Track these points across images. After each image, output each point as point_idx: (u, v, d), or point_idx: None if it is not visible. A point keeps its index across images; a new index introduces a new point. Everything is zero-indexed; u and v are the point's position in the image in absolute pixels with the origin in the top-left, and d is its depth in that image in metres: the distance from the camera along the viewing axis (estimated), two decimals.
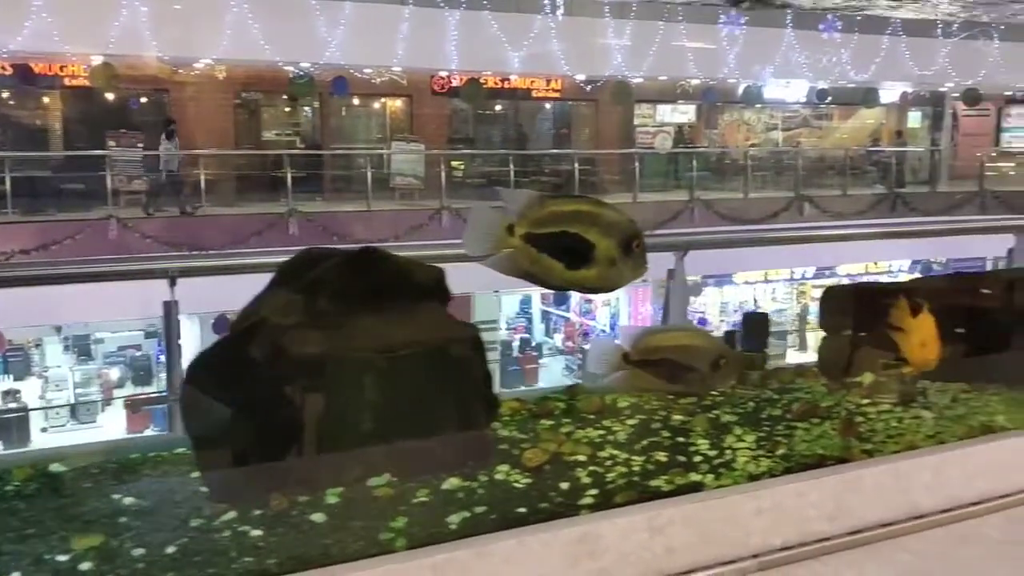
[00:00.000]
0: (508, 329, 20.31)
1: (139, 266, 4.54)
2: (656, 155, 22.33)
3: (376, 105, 21.90)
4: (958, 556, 1.98)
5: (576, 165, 19.84)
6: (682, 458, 2.08)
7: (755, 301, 20.32)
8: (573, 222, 1.96)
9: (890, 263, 21.08)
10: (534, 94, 22.45)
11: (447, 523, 1.68)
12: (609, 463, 2.03)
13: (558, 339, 20.29)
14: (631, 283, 2.08)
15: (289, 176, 17.11)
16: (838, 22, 20.85)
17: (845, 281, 21.35)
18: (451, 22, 18.80)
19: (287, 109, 21.22)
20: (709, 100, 22.30)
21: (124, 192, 16.43)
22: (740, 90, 21.96)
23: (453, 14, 18.84)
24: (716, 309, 20.79)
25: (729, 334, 2.44)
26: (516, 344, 20.10)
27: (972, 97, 20.68)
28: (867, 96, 22.14)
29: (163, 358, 18.36)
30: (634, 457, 2.07)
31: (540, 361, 19.28)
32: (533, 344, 20.24)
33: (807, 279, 21.48)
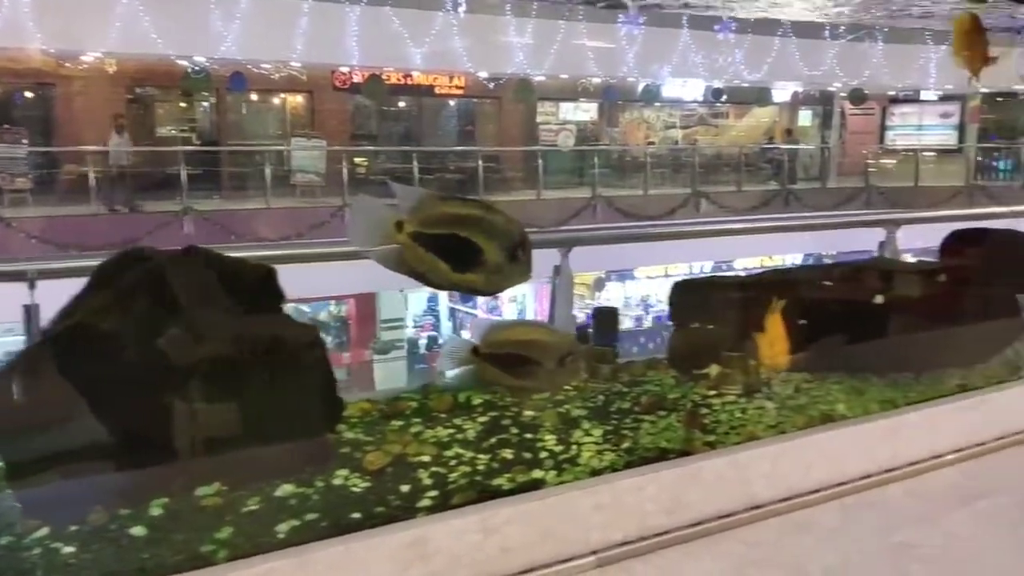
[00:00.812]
0: (415, 327, 20.23)
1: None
2: (559, 152, 22.54)
3: (276, 101, 21.49)
4: (792, 545, 2.05)
5: (480, 162, 19.82)
6: (528, 455, 2.10)
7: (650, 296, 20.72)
8: (463, 225, 1.99)
9: (784, 256, 21.78)
10: (437, 91, 22.36)
11: (275, 532, 1.65)
12: (454, 463, 2.04)
13: (465, 336, 20.27)
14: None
15: (184, 173, 16.63)
16: (732, 23, 21.39)
17: (742, 273, 21.93)
18: (352, 17, 18.57)
19: (183, 105, 20.62)
20: (610, 98, 22.62)
21: (8, 191, 15.73)
22: (639, 89, 22.34)
23: (354, 9, 18.61)
24: (620, 303, 21.20)
25: (581, 329, 2.46)
26: (423, 342, 20.04)
27: (858, 97, 21.51)
28: (760, 95, 22.81)
29: None
30: (480, 456, 2.08)
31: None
32: (440, 342, 20.17)
33: (704, 273, 22.06)
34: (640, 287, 21.23)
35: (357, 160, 20.26)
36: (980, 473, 2.31)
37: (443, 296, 21.40)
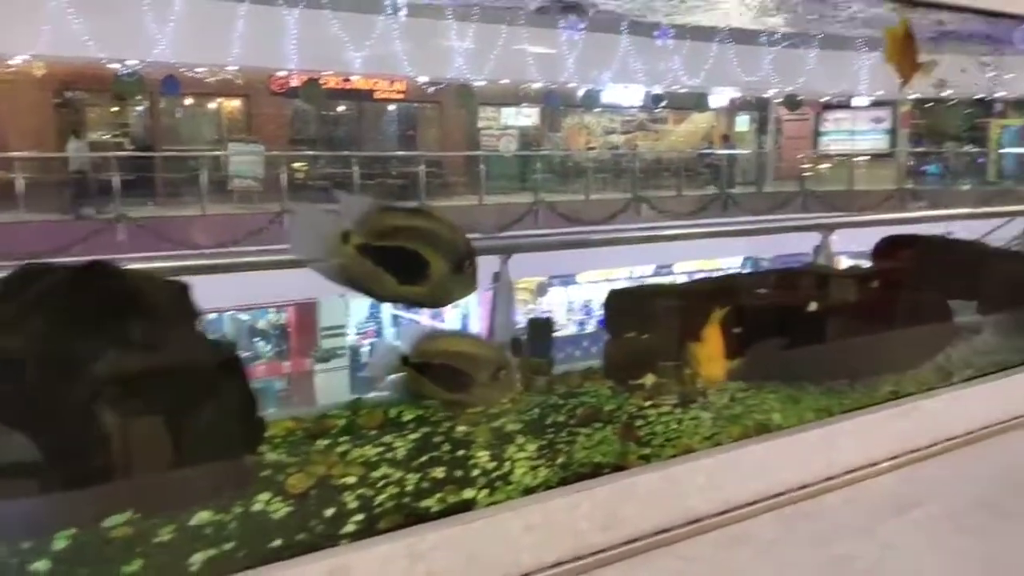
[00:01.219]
0: (357, 334, 20.06)
1: None
2: (501, 157, 22.57)
3: (212, 105, 21.14)
4: (729, 559, 2.02)
5: (422, 167, 19.72)
6: (460, 473, 2.03)
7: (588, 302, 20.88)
8: (410, 237, 1.95)
9: (723, 260, 22.10)
10: (377, 95, 22.21)
11: (188, 564, 1.56)
12: (381, 484, 1.96)
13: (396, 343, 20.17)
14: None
15: (116, 179, 16.29)
16: (671, 29, 21.63)
17: (682, 279, 22.21)
18: (290, 20, 18.33)
19: (114, 109, 20.15)
20: (551, 104, 22.71)
21: None
22: (580, 94, 22.47)
23: (292, 12, 18.38)
24: (563, 309, 21.30)
25: (515, 340, 2.42)
26: (366, 349, 19.87)
27: (793, 102, 21.91)
28: (699, 101, 23.11)
29: None
30: (409, 476, 2.01)
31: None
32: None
33: (646, 277, 22.24)
34: (583, 292, 21.37)
35: (296, 165, 20.04)
36: (914, 481, 2.31)
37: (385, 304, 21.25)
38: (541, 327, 2.50)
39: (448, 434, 2.23)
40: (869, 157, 23.57)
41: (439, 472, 2.03)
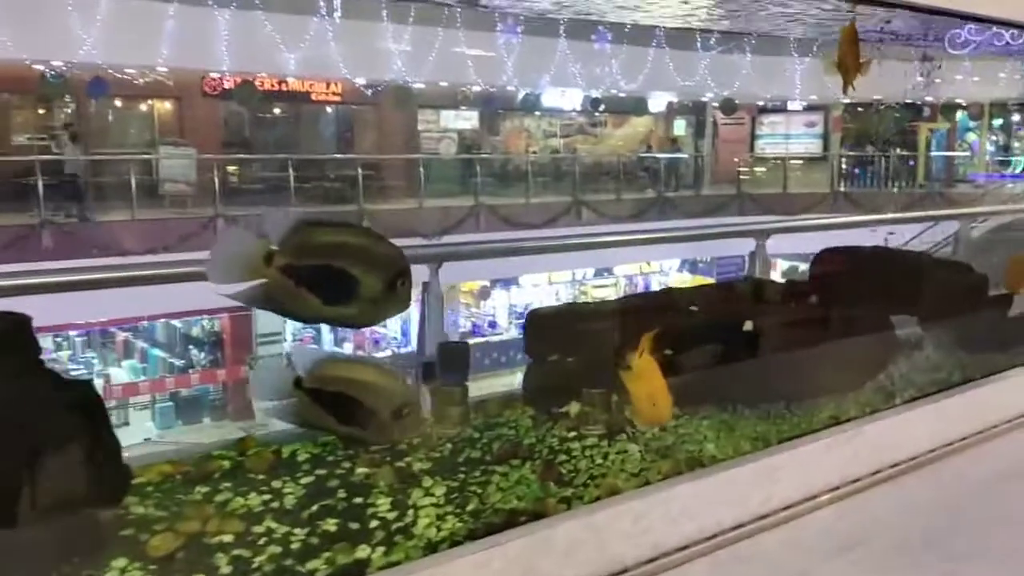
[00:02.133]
0: (295, 341, 19.67)
1: None
2: (441, 161, 22.36)
3: (143, 107, 20.55)
4: None
5: (359, 170, 19.39)
6: (355, 525, 1.80)
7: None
8: (339, 255, 1.79)
9: (661, 263, 22.22)
10: (314, 97, 21.82)
11: None
12: (263, 541, 1.73)
13: (348, 348, 19.91)
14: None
15: (40, 184, 15.73)
16: (609, 34, 21.63)
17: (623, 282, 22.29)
18: (221, 21, 17.90)
19: (41, 111, 19.45)
20: (490, 107, 22.57)
21: None
22: (519, 98, 22.36)
23: (223, 13, 17.94)
24: (504, 312, 21.24)
25: (428, 366, 2.20)
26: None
27: (728, 106, 22.07)
28: (637, 105, 23.17)
29: None
30: (296, 530, 1.77)
31: None
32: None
33: (587, 280, 22.28)
34: (525, 294, 21.30)
35: (230, 169, 19.57)
36: (856, 515, 2.15)
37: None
38: (453, 353, 2.27)
39: (346, 477, 2.00)
40: (803, 160, 23.89)
41: (331, 525, 1.80)
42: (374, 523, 1.83)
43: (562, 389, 2.26)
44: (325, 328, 20.72)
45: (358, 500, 1.91)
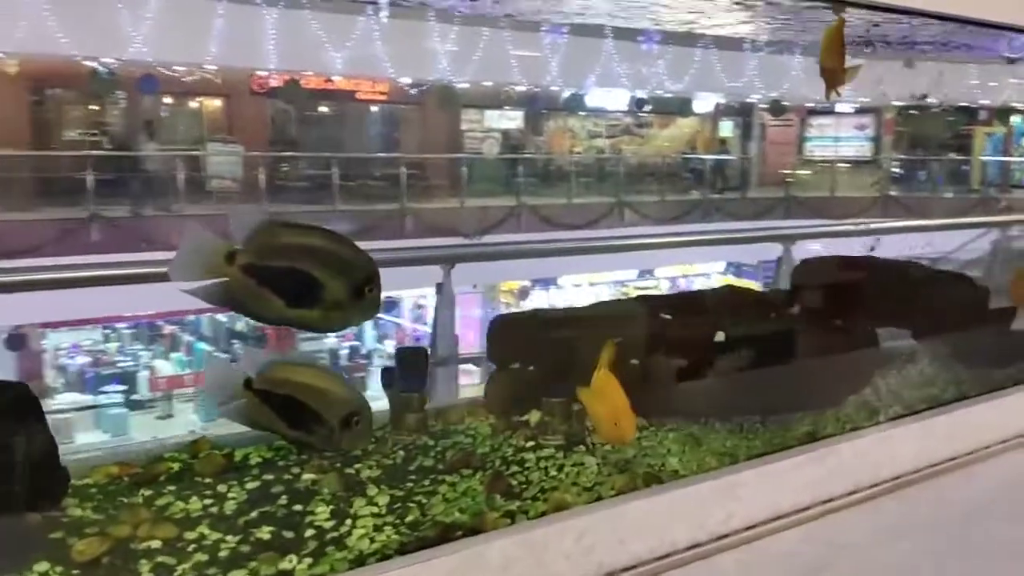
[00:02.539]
0: (337, 337, 19.90)
1: None
2: (484, 160, 22.39)
3: (193, 105, 20.93)
4: None
5: (403, 169, 19.50)
6: (290, 534, 1.77)
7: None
8: (304, 257, 1.77)
9: (705, 265, 21.94)
10: (359, 96, 22.01)
11: None
12: (191, 548, 1.70)
13: (389, 346, 20.08)
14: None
15: (90, 178, 16.14)
16: (655, 34, 21.43)
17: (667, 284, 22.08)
18: (269, 20, 18.12)
19: (94, 108, 19.91)
20: (534, 107, 22.52)
21: None
22: (563, 98, 22.28)
23: (271, 11, 18.15)
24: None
25: (386, 371, 2.16)
26: (345, 352, 19.77)
27: (777, 108, 21.72)
28: (683, 106, 22.94)
29: None
30: (228, 537, 1.74)
31: (369, 369, 19.08)
32: (363, 352, 19.94)
33: (628, 282, 22.09)
34: (565, 295, 21.22)
35: (276, 166, 19.83)
36: (823, 537, 2.06)
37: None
38: (411, 358, 2.23)
39: (291, 483, 1.97)
40: (853, 164, 23.46)
41: (265, 533, 1.77)
42: (310, 532, 1.79)
43: (523, 397, 2.20)
44: (368, 325, 20.95)
45: (298, 507, 1.87)
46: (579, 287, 21.59)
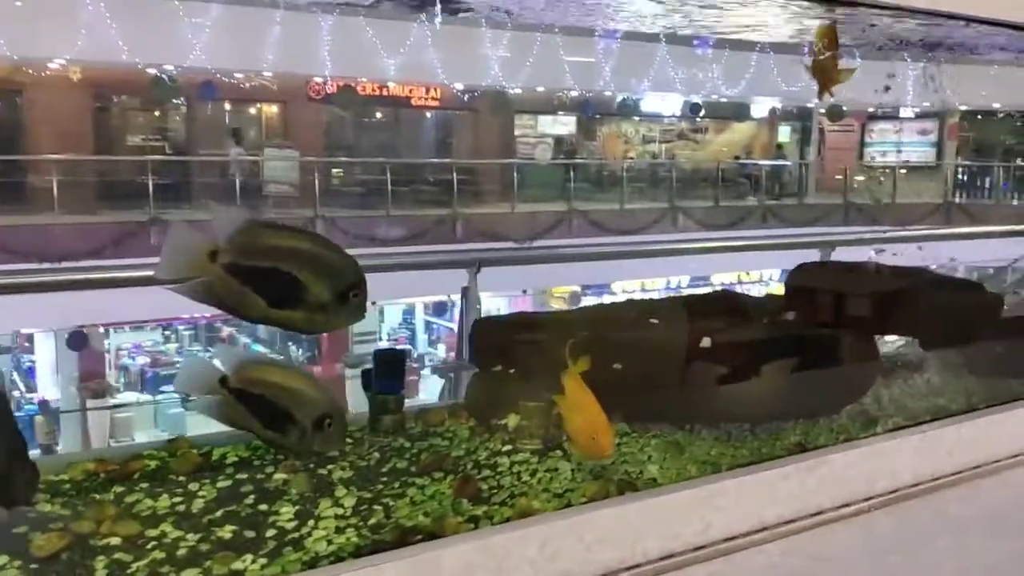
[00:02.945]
0: (389, 341, 20.12)
1: None
2: (536, 165, 22.40)
3: (251, 111, 21.36)
4: None
5: (455, 175, 19.61)
6: (251, 533, 1.76)
7: None
8: (287, 259, 1.81)
9: (761, 272, 21.60)
10: (413, 102, 22.19)
11: None
12: (151, 545, 1.70)
13: (442, 350, 20.20)
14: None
15: (151, 182, 16.58)
16: (711, 38, 21.19)
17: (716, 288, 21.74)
18: (324, 27, 18.37)
19: (156, 114, 20.44)
20: (586, 112, 22.45)
21: None
22: (616, 102, 22.16)
23: (326, 19, 18.40)
24: None
25: (365, 373, 2.16)
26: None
27: (835, 113, 21.29)
28: (738, 110, 22.63)
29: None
30: (189, 536, 1.74)
31: (421, 373, 19.19)
32: (415, 356, 20.10)
33: (681, 288, 21.83)
34: (616, 301, 21.04)
35: (331, 171, 20.11)
36: (805, 551, 1.98)
37: (419, 309, 21.20)
38: (389, 360, 2.21)
39: (262, 483, 1.97)
40: (915, 169, 22.89)
41: (227, 532, 1.76)
42: (271, 532, 1.78)
43: (503, 400, 2.17)
44: (420, 328, 21.08)
45: (263, 507, 1.86)
46: (630, 293, 21.42)
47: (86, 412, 16.54)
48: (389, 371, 2.19)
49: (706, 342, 2.16)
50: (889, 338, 2.50)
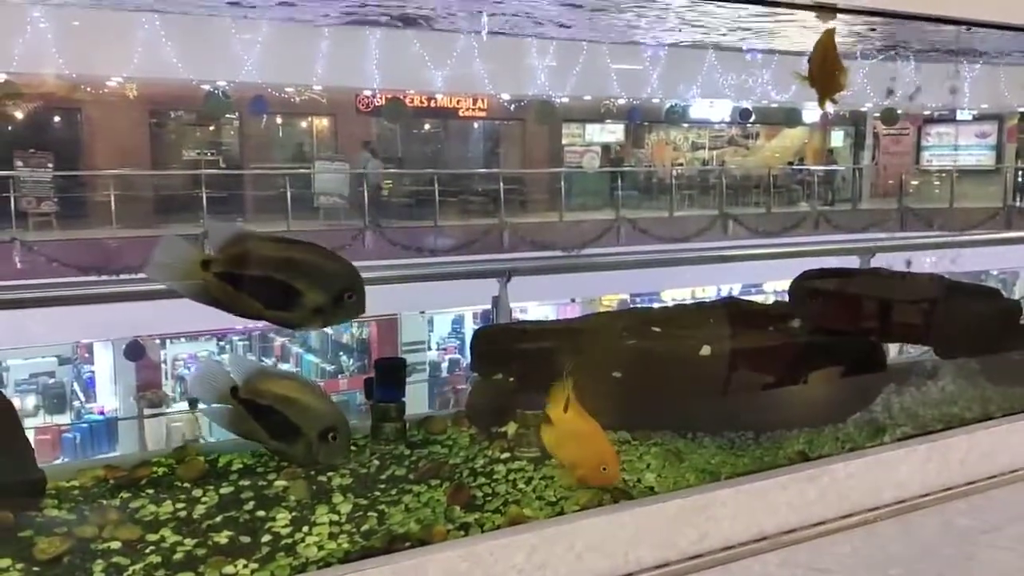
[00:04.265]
0: (439, 350, 20.26)
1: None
2: (584, 174, 22.38)
3: (303, 124, 21.73)
4: None
5: (502, 184, 19.70)
6: (246, 539, 1.80)
7: None
8: (279, 268, 1.94)
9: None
10: (461, 113, 22.34)
11: None
12: (150, 550, 1.75)
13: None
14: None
15: (204, 196, 16.96)
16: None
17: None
18: (372, 41, 18.61)
19: (210, 128, 20.90)
20: (633, 119, 22.36)
21: (33, 214, 16.06)
22: (664, 109, 22.04)
23: (374, 32, 18.63)
24: None
25: (367, 382, 2.20)
26: (446, 365, 20.07)
27: (890, 116, 20.87)
28: (789, 116, 22.31)
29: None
30: (187, 541, 1.79)
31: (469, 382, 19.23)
32: (463, 365, 20.18)
33: (732, 296, 21.54)
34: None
35: (381, 183, 20.36)
36: (803, 562, 1.95)
37: (468, 319, 21.30)
38: (389, 369, 2.24)
39: (263, 489, 2.01)
40: (974, 173, 22.32)
41: (224, 537, 1.80)
42: (266, 538, 1.82)
43: (503, 408, 2.18)
44: (469, 337, 21.18)
45: (261, 513, 1.90)
46: (679, 301, 21.22)
47: (143, 420, 16.92)
48: (390, 379, 2.22)
49: (705, 350, 2.15)
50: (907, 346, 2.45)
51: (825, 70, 2.18)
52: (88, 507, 1.92)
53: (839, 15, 2.24)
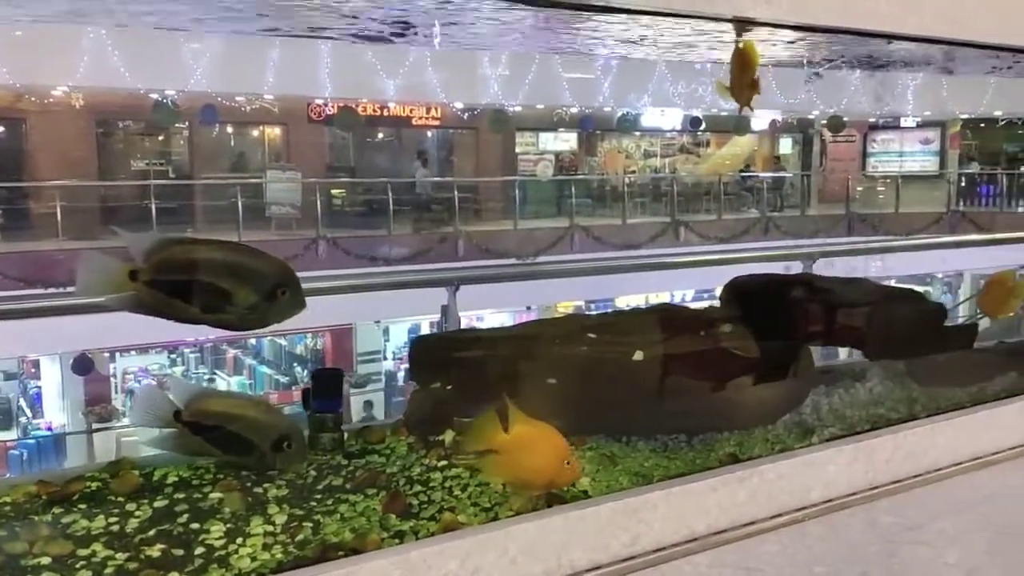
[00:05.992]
0: (394, 360, 20.15)
1: None
2: (538, 182, 22.50)
3: (255, 133, 21.56)
4: None
5: (456, 193, 19.74)
6: (179, 552, 1.80)
7: None
8: (206, 271, 1.93)
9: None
10: (414, 122, 22.34)
11: None
12: (80, 565, 1.74)
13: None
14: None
15: (153, 207, 16.74)
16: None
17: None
18: (323, 50, 18.53)
19: (160, 138, 20.64)
20: (585, 128, 22.54)
21: None
22: (616, 118, 22.25)
23: (325, 42, 18.55)
24: None
25: (306, 392, 2.21)
26: (401, 375, 19.98)
27: (836, 124, 21.31)
28: (738, 124, 22.63)
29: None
30: (118, 555, 1.78)
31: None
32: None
33: (685, 301, 21.81)
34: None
35: (334, 192, 20.27)
36: (731, 563, 2.00)
37: (425, 328, 21.24)
38: (327, 380, 2.25)
39: (198, 502, 2.00)
40: (918, 179, 22.85)
41: (156, 551, 1.80)
42: (199, 550, 1.82)
43: (441, 417, 2.20)
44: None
45: (195, 525, 1.90)
46: (633, 307, 21.36)
47: (91, 435, 16.60)
48: (327, 389, 2.23)
49: (638, 355, 2.19)
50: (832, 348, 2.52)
51: (740, 81, 2.26)
52: (19, 523, 1.90)
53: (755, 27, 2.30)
